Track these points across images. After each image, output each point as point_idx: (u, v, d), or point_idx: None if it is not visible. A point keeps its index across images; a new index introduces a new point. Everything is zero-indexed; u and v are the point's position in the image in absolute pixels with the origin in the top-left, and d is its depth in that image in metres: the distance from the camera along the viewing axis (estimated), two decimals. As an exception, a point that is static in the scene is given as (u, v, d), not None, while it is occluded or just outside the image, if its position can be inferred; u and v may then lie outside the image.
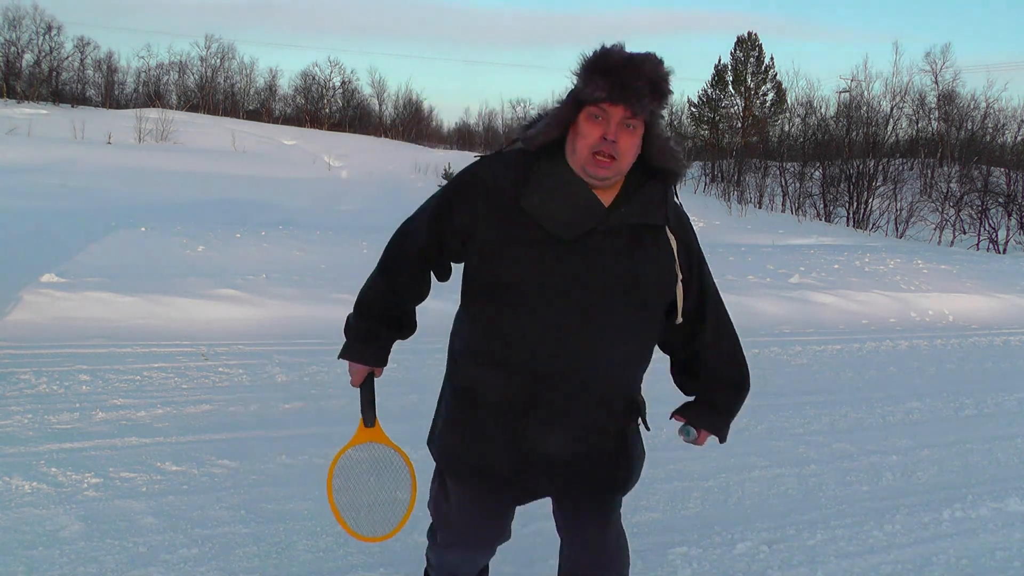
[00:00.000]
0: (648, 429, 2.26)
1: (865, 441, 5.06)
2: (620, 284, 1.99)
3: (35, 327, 6.20)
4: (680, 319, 2.13)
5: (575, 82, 1.92)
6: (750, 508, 3.93)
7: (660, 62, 1.91)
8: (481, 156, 2.07)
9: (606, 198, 1.98)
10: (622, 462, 2.17)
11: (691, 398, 2.36)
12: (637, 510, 3.79)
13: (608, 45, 1.92)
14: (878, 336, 8.72)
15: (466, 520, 2.26)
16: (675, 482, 4.17)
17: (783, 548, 3.50)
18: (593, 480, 2.14)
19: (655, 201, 2.02)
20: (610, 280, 1.98)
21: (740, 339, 2.33)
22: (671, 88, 1.92)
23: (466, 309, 2.08)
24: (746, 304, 9.23)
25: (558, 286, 1.94)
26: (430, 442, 2.27)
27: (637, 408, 2.20)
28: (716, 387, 2.30)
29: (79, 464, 3.79)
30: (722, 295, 2.34)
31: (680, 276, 2.08)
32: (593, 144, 1.90)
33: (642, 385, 2.26)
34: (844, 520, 3.83)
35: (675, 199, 2.09)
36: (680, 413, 2.32)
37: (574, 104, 1.92)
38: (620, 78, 1.86)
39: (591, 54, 1.91)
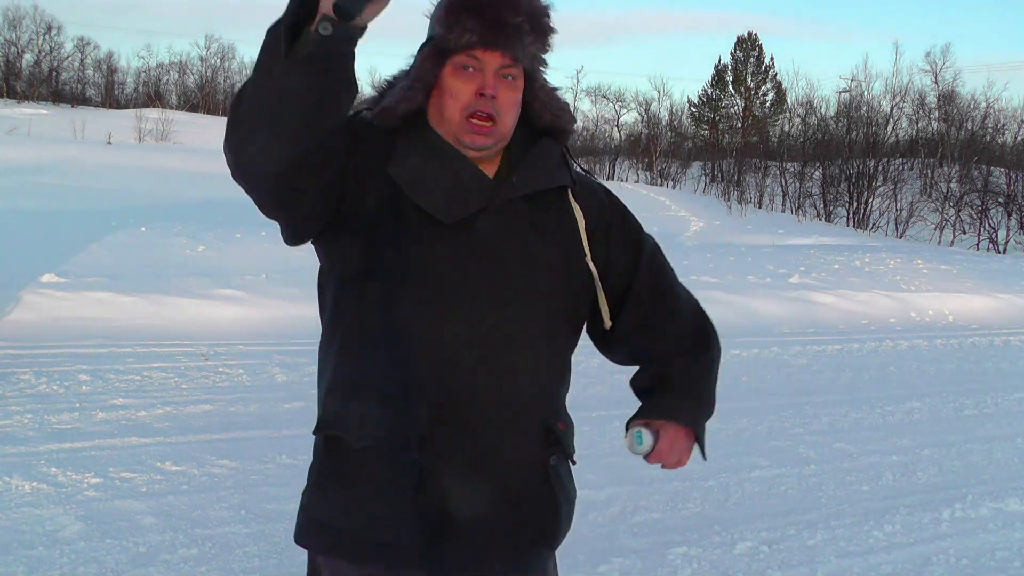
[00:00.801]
0: (574, 463, 1.67)
1: (865, 441, 5.06)
2: (521, 273, 1.51)
3: (35, 327, 6.20)
4: (605, 305, 1.64)
5: (434, 28, 1.48)
6: (750, 508, 3.93)
7: None
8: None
9: (489, 170, 1.52)
10: (549, 512, 1.68)
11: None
12: (637, 510, 3.80)
13: None
14: (878, 336, 8.72)
15: None
16: (675, 482, 4.17)
17: (783, 548, 3.50)
18: (517, 540, 1.63)
19: (553, 161, 1.58)
20: (508, 269, 1.50)
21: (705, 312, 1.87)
22: (554, 25, 1.55)
23: (329, 336, 1.54)
24: (746, 304, 9.23)
25: (445, 281, 1.46)
26: (299, 528, 1.54)
27: (557, 436, 1.58)
28: (669, 360, 1.71)
29: (79, 464, 3.79)
30: (722, 295, 2.30)
31: (588, 253, 1.58)
32: (467, 104, 1.45)
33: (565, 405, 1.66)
34: (844, 520, 3.82)
35: (575, 164, 1.64)
36: (631, 419, 1.68)
37: (437, 56, 1.47)
38: (494, 15, 1.44)
39: None
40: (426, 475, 1.46)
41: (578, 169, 1.66)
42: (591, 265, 1.59)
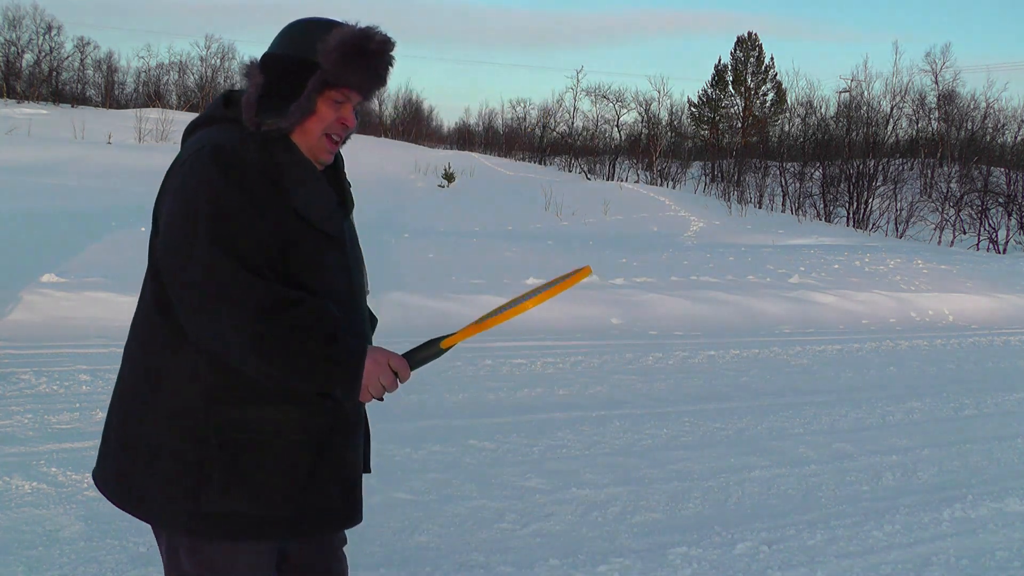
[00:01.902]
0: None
1: (865, 441, 5.06)
2: (361, 271, 1.91)
3: (35, 327, 6.20)
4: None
5: (321, 62, 1.69)
6: (750, 508, 3.93)
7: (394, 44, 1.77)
8: (211, 142, 1.69)
9: None
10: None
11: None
12: (637, 510, 3.80)
13: (341, 21, 1.74)
14: (878, 336, 8.72)
15: None
16: (675, 482, 4.17)
17: (783, 548, 3.50)
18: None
19: (343, 173, 1.94)
20: (361, 271, 1.91)
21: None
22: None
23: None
24: (746, 304, 9.24)
25: (338, 287, 1.77)
26: (210, 516, 1.70)
27: None
28: None
29: (79, 464, 3.78)
30: (722, 295, 2.32)
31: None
32: (327, 127, 1.74)
33: None
34: (844, 520, 3.82)
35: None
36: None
37: (319, 85, 1.70)
38: (380, 68, 1.74)
39: (347, 34, 1.70)
40: (343, 453, 1.82)
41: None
42: None
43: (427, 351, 1.82)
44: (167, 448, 1.70)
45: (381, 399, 1.75)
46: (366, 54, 1.71)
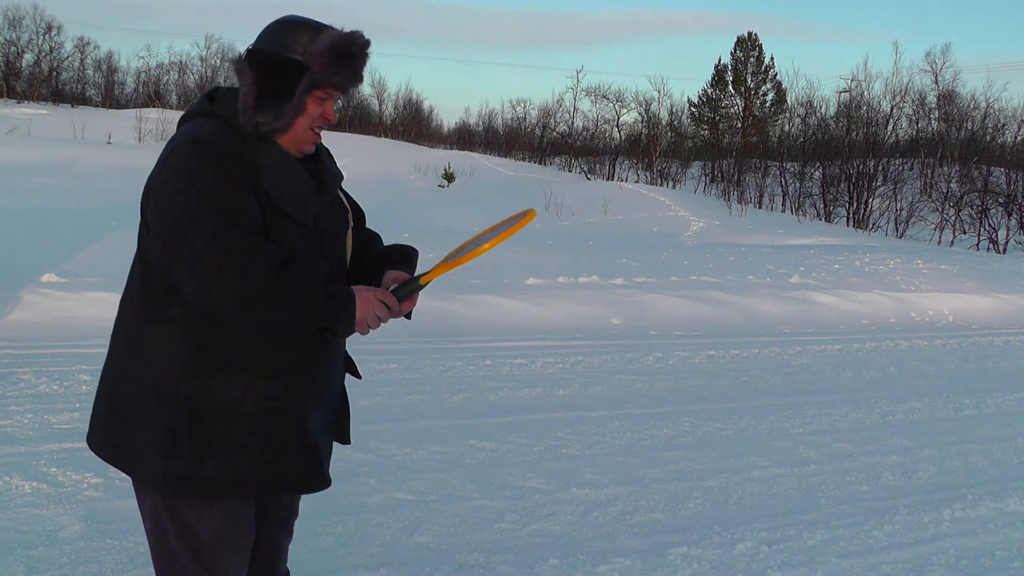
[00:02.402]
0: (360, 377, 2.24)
1: (865, 441, 5.06)
2: (344, 256, 2.05)
3: (35, 327, 6.20)
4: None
5: (310, 64, 1.83)
6: (750, 508, 3.93)
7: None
8: (195, 135, 1.83)
9: None
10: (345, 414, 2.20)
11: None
12: (637, 510, 3.80)
13: (324, 23, 1.89)
14: (878, 336, 8.72)
15: (242, 543, 1.98)
16: (675, 482, 4.17)
17: (783, 548, 3.50)
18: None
19: (333, 161, 2.09)
20: (342, 255, 2.04)
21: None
22: None
23: (193, 319, 1.84)
24: (746, 304, 9.24)
25: None
26: (180, 477, 1.85)
27: (349, 357, 2.21)
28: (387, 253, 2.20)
29: (79, 464, 3.78)
30: (722, 295, 2.34)
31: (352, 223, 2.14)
32: (312, 122, 1.90)
33: None
34: (844, 520, 3.82)
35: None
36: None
37: (308, 86, 1.85)
38: (359, 68, 1.90)
39: (335, 38, 1.85)
40: (291, 417, 1.93)
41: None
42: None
43: (409, 287, 2.02)
44: (145, 415, 1.87)
45: (376, 327, 1.95)
46: (351, 57, 1.87)
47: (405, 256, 2.16)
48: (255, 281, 1.77)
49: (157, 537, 1.94)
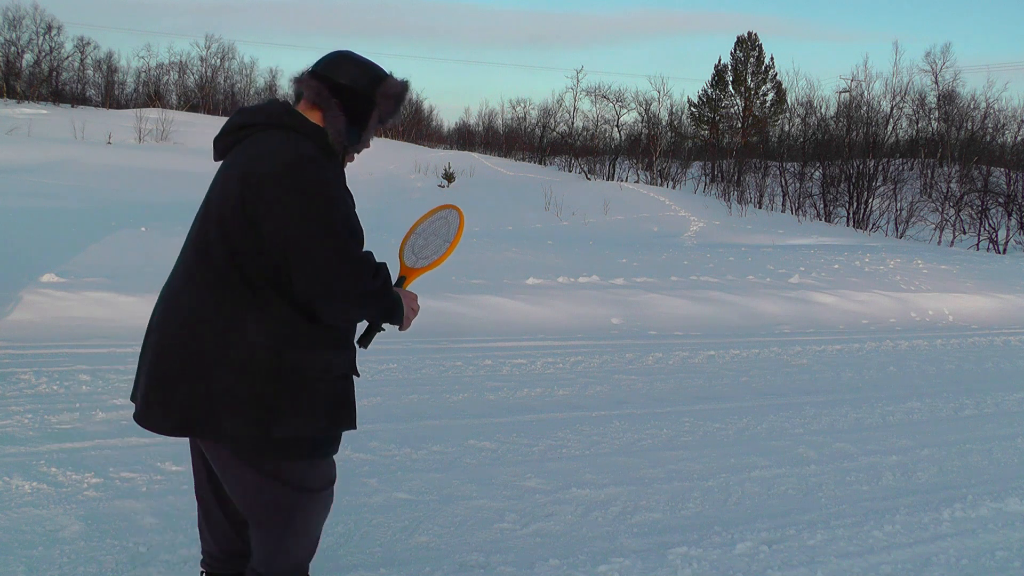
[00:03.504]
0: None
1: (865, 441, 5.06)
2: None
3: (35, 327, 6.20)
4: None
5: (379, 103, 2.29)
6: (750, 508, 3.93)
7: None
8: (306, 153, 2.18)
9: None
10: None
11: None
12: (637, 510, 3.80)
13: (386, 71, 2.35)
14: (878, 336, 8.72)
15: (329, 489, 2.41)
16: (675, 482, 4.17)
17: (783, 548, 3.50)
18: None
19: None
20: None
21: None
22: None
23: (291, 303, 2.18)
24: (746, 304, 9.24)
25: None
26: (329, 438, 2.31)
27: None
28: None
29: (79, 464, 3.79)
30: (722, 295, 2.38)
31: None
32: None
33: None
34: (844, 520, 3.82)
35: None
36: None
37: (376, 122, 2.33)
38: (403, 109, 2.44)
39: (399, 86, 2.33)
40: (351, 383, 2.35)
41: None
42: None
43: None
44: (239, 388, 2.14)
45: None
46: (402, 102, 2.35)
47: None
48: (367, 287, 2.17)
49: (260, 497, 2.25)
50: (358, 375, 2.37)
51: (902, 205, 24.26)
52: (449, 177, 27.01)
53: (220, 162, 2.34)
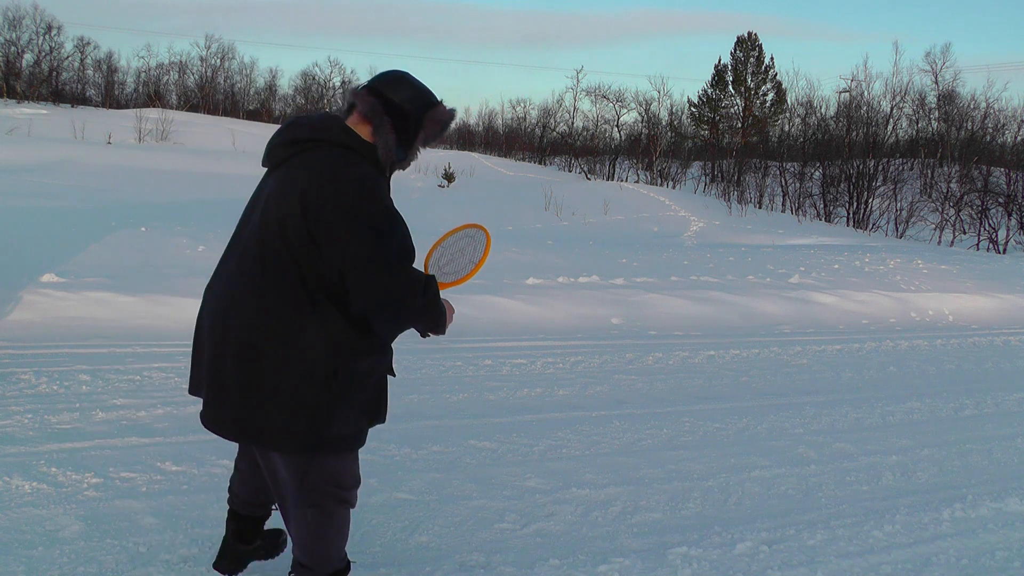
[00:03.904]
0: None
1: (865, 441, 5.06)
2: None
3: (35, 327, 6.20)
4: None
5: (426, 126, 2.45)
6: (750, 508, 3.93)
7: None
8: (363, 174, 2.33)
9: None
10: None
11: None
12: (637, 510, 3.80)
13: (437, 97, 2.50)
14: (878, 336, 8.72)
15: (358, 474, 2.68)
16: (675, 482, 4.17)
17: (783, 548, 3.50)
18: None
19: None
20: None
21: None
22: None
23: (345, 313, 2.36)
24: (746, 304, 9.23)
25: None
26: (362, 432, 2.53)
27: None
28: None
29: (79, 464, 3.79)
30: (722, 295, 2.39)
31: None
32: None
33: None
34: (844, 520, 3.82)
35: None
36: None
37: (422, 143, 2.50)
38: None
39: (447, 114, 2.49)
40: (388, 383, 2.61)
41: None
42: None
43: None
44: (292, 389, 2.31)
45: None
46: (447, 129, 2.54)
47: None
48: (417, 303, 2.36)
49: (303, 487, 2.46)
50: (394, 375, 2.60)
51: (902, 205, 24.27)
52: (449, 177, 27.00)
53: (267, 167, 2.51)
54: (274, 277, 2.31)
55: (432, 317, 2.44)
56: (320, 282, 2.29)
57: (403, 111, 2.38)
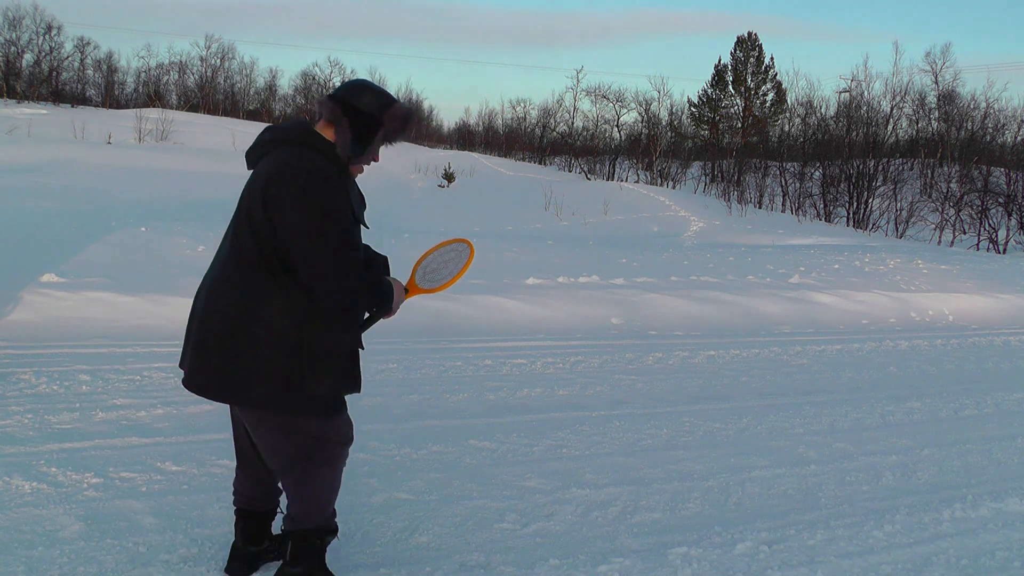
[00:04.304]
0: None
1: (865, 441, 5.06)
2: None
3: (35, 327, 6.20)
4: None
5: (385, 124, 2.69)
6: (750, 508, 3.93)
7: None
8: (315, 167, 2.59)
9: None
10: None
11: None
12: (637, 510, 3.80)
13: (395, 96, 2.76)
14: (878, 336, 8.72)
15: (345, 431, 2.86)
16: (675, 482, 4.17)
17: (783, 548, 3.50)
18: None
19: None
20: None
21: None
22: None
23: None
24: (746, 304, 9.24)
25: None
26: (339, 398, 2.77)
27: None
28: None
29: (79, 464, 3.79)
30: (722, 295, 2.39)
31: None
32: (369, 160, 2.77)
33: None
34: (844, 520, 3.82)
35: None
36: None
37: (382, 140, 2.74)
38: (412, 132, 2.89)
39: (404, 110, 2.73)
40: (359, 354, 2.83)
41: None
42: None
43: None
44: (266, 361, 2.58)
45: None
46: (411, 126, 2.78)
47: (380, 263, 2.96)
48: (353, 284, 2.57)
49: (285, 448, 2.72)
50: (363, 348, 2.83)
51: (902, 205, 24.28)
52: (449, 177, 27.02)
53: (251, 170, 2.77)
54: (245, 261, 2.61)
55: (374, 295, 2.69)
56: (282, 264, 2.57)
57: (360, 111, 2.65)
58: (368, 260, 2.80)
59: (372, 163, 2.78)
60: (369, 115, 2.66)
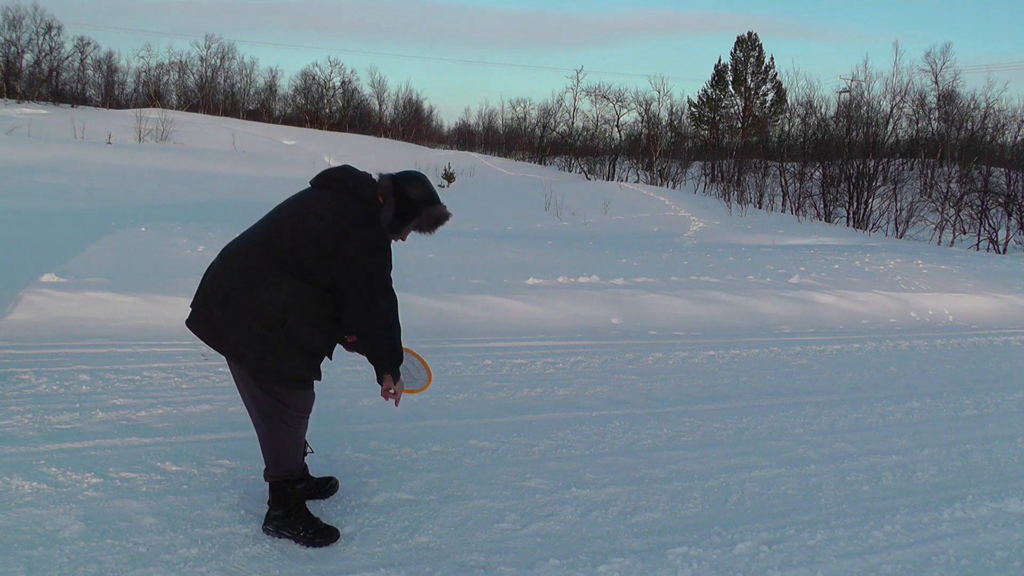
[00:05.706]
0: None
1: (865, 441, 5.06)
2: None
3: (35, 327, 6.20)
4: None
5: (422, 215, 3.30)
6: (750, 508, 3.93)
7: None
8: (373, 222, 3.20)
9: None
10: None
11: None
12: (637, 510, 3.80)
13: (439, 199, 3.37)
14: (878, 336, 8.72)
15: (310, 402, 3.38)
16: (675, 482, 4.17)
17: (783, 548, 3.50)
18: None
19: None
20: None
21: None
22: None
23: (303, 288, 3.16)
24: (746, 304, 9.24)
25: None
26: (301, 379, 3.22)
27: None
28: None
29: (79, 464, 3.79)
30: (722, 295, 2.38)
31: None
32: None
33: None
34: (844, 520, 3.83)
35: None
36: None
37: (414, 228, 3.34)
38: (439, 228, 3.42)
39: (440, 212, 3.34)
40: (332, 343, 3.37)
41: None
42: None
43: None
44: (253, 328, 3.09)
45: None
46: (439, 225, 3.37)
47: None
48: (394, 318, 3.26)
49: (257, 402, 3.22)
50: (331, 358, 3.39)
51: (902, 205, 24.28)
52: (449, 177, 27.02)
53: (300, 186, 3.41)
54: (270, 251, 3.13)
55: (387, 340, 3.26)
56: (294, 264, 3.10)
57: (408, 198, 3.26)
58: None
59: (399, 240, 3.34)
60: (413, 204, 3.26)
